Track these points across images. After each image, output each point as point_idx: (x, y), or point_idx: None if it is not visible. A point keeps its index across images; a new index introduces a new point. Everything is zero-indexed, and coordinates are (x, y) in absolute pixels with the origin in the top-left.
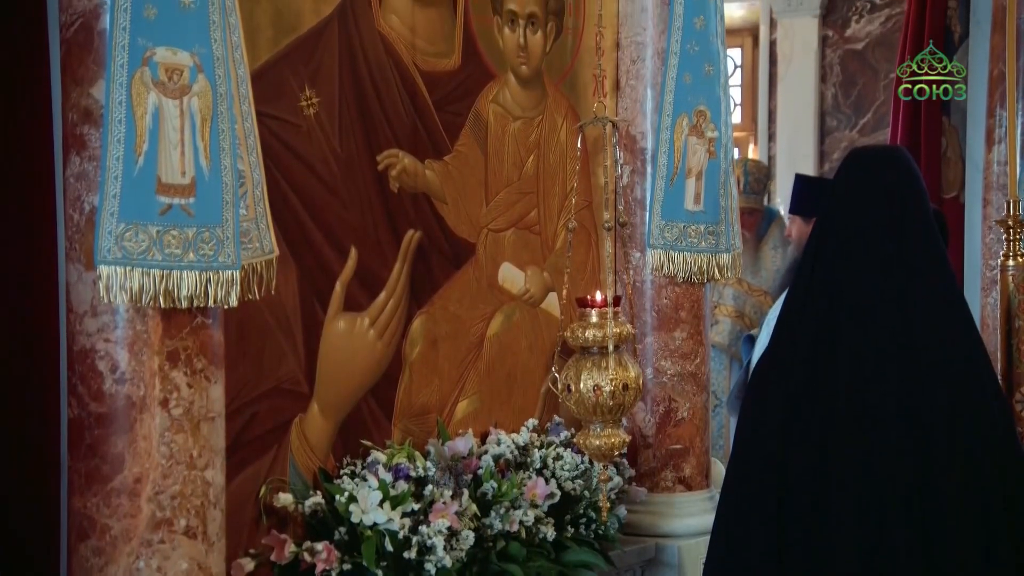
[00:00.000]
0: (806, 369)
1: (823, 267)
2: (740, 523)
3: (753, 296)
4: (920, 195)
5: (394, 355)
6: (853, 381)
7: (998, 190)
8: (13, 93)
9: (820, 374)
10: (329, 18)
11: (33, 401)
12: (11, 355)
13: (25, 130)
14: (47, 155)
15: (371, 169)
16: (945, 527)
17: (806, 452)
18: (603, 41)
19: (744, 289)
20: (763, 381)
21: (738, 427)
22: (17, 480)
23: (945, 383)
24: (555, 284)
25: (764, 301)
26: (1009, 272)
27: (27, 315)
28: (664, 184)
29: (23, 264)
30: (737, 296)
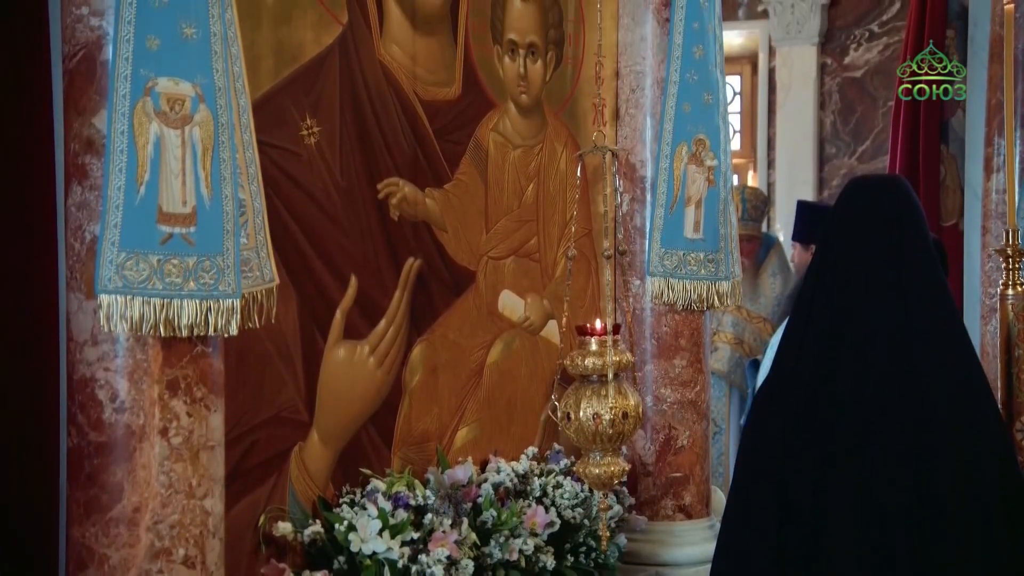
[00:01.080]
0: (807, 391)
1: (823, 293)
2: (741, 540)
3: (752, 323)
4: (919, 223)
5: (394, 383)
6: (853, 400)
7: (997, 218)
8: (16, 123)
9: (821, 395)
10: (330, 48)
11: (33, 431)
12: (12, 385)
13: (27, 159)
14: (49, 184)
15: (371, 197)
16: (945, 542)
17: (806, 470)
18: (603, 70)
19: (743, 316)
20: (765, 403)
21: (740, 448)
22: (17, 509)
23: (945, 401)
24: (555, 312)
25: (763, 328)
26: (1009, 301)
27: (28, 344)
28: (664, 212)
29: (24, 293)
30: (736, 323)
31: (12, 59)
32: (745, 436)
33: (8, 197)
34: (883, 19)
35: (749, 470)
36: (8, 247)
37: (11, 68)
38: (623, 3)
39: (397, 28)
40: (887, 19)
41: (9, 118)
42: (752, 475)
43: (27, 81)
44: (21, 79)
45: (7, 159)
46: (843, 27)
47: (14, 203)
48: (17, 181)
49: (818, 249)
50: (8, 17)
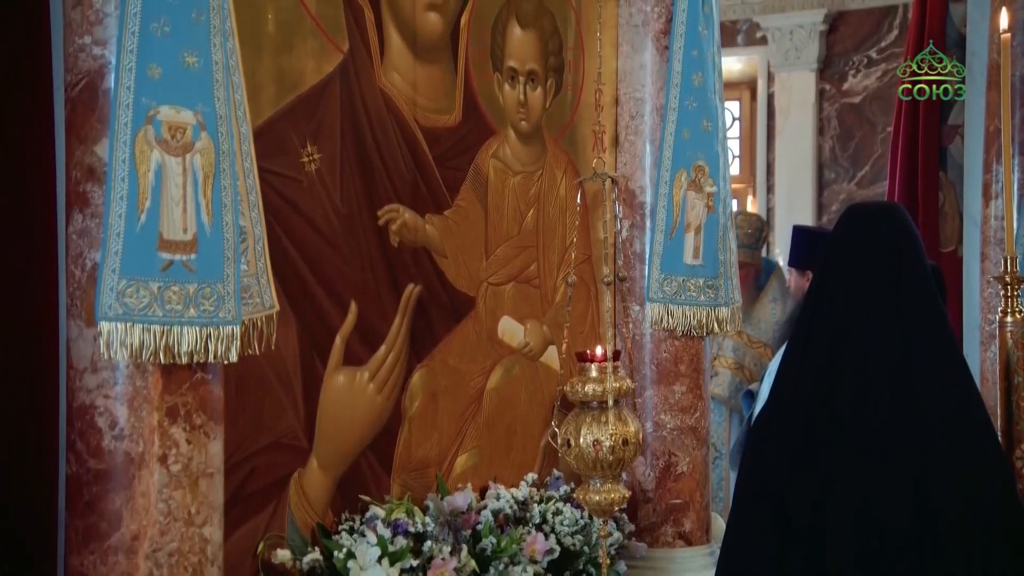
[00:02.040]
0: (807, 413)
1: (822, 319)
2: (741, 559)
3: (753, 348)
4: (917, 251)
5: (393, 409)
6: (853, 421)
7: (996, 245)
8: (17, 150)
9: (820, 417)
10: (331, 75)
11: (34, 459)
12: (13, 411)
13: (28, 187)
14: (49, 212)
15: (372, 224)
16: (945, 564)
17: (806, 490)
18: (602, 97)
19: (744, 341)
20: (765, 424)
21: (739, 472)
22: (17, 536)
23: (944, 425)
24: (555, 338)
25: (764, 353)
26: (1008, 329)
27: (28, 371)
28: (663, 238)
29: (25, 320)
30: (737, 348)
31: (14, 87)
32: (745, 457)
33: (9, 224)
34: (881, 46)
35: (749, 490)
36: (9, 274)
37: (13, 96)
38: (623, 31)
39: (398, 56)
40: (885, 46)
41: (11, 145)
42: (752, 495)
43: (29, 109)
44: (23, 107)
45: (8, 186)
46: (841, 53)
47: (15, 230)
48: (18, 209)
49: (816, 275)
50: (11, 45)
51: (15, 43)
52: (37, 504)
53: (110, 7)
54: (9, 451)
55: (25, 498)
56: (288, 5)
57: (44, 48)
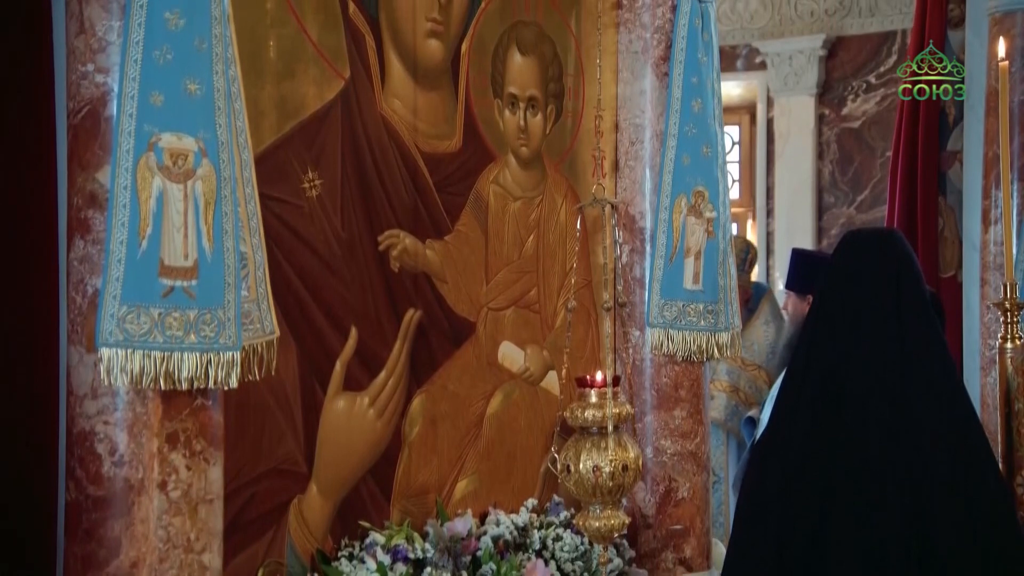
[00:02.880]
0: (805, 442)
1: (820, 348)
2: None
3: (747, 371)
4: (916, 277)
5: (393, 434)
6: (852, 450)
7: (995, 270)
8: (19, 177)
9: (819, 446)
10: (332, 102)
11: (34, 486)
12: (13, 438)
13: (30, 214)
14: (51, 239)
15: (372, 249)
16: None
17: (805, 518)
18: (602, 123)
19: (739, 364)
20: (763, 454)
21: (739, 498)
22: (17, 565)
23: (944, 450)
24: (555, 362)
25: (758, 375)
26: (1007, 355)
27: (29, 398)
28: (663, 263)
29: (25, 347)
30: (731, 371)
31: (17, 113)
32: (745, 482)
33: (10, 250)
34: (880, 71)
35: (749, 515)
36: (10, 300)
37: (16, 122)
38: (622, 57)
39: (399, 82)
40: (884, 71)
41: (13, 171)
42: (752, 520)
43: (31, 136)
44: (26, 134)
45: (10, 212)
46: (840, 78)
47: (16, 256)
48: (20, 235)
49: (815, 302)
50: (14, 72)
51: (18, 70)
52: (36, 531)
53: (113, 35)
54: (9, 477)
55: (24, 525)
56: (290, 32)
57: (47, 75)
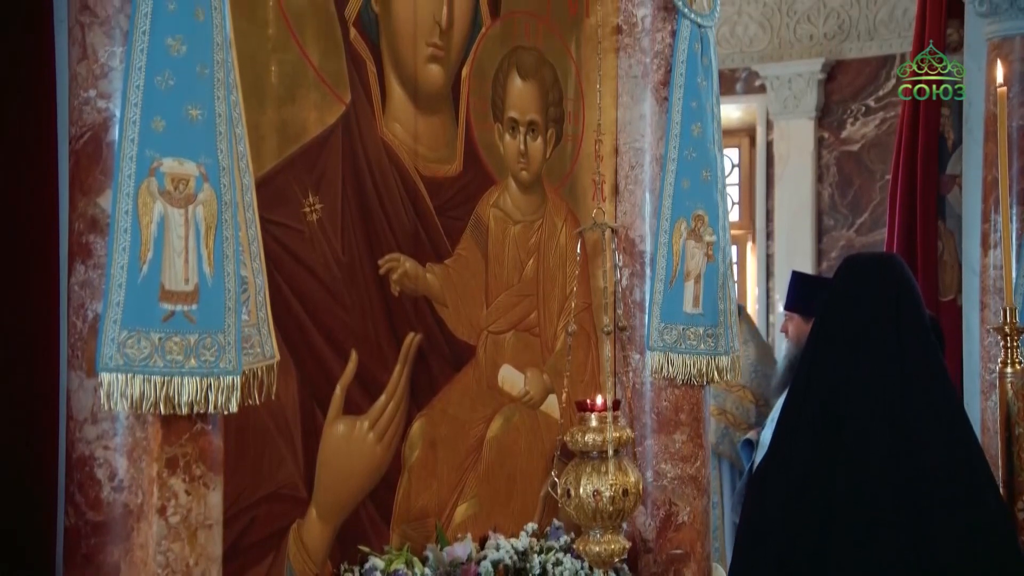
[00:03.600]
0: (805, 465)
1: (820, 372)
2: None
3: (733, 392)
4: (915, 302)
5: (393, 458)
6: (852, 473)
7: (995, 294)
8: (21, 202)
9: (819, 469)
10: (333, 127)
11: (33, 512)
12: (13, 465)
13: (31, 238)
14: (52, 263)
15: (372, 273)
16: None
17: (805, 541)
18: (602, 147)
19: (723, 386)
20: (764, 476)
21: (740, 521)
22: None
23: (944, 473)
24: (555, 386)
25: (744, 396)
26: (1008, 379)
27: (28, 423)
28: (663, 287)
29: (25, 372)
30: (717, 394)
31: (20, 140)
32: (746, 505)
33: (11, 276)
34: (879, 94)
35: (749, 538)
36: (10, 325)
37: (20, 153)
38: (622, 82)
39: (399, 107)
40: (883, 95)
41: (15, 197)
42: (752, 543)
43: (34, 161)
44: (28, 159)
45: (12, 238)
46: (839, 102)
47: (17, 282)
48: (21, 260)
49: (815, 323)
50: (18, 101)
51: (22, 98)
52: (35, 557)
53: (115, 61)
54: (8, 504)
55: (23, 551)
56: (291, 58)
57: (49, 101)
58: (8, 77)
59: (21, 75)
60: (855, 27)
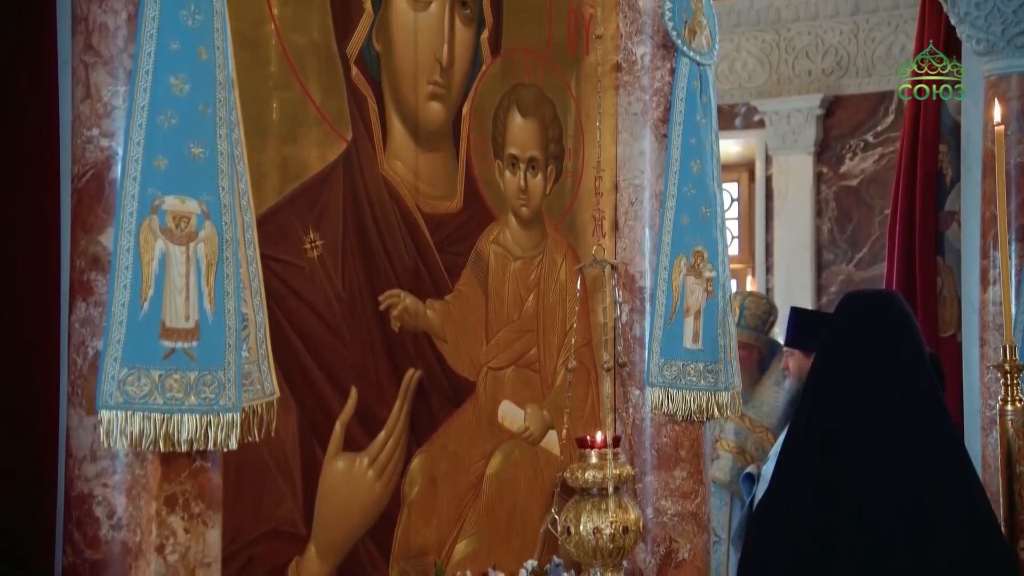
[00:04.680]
0: (807, 501)
1: (821, 409)
2: None
3: (755, 432)
4: (915, 337)
5: (392, 495)
6: (854, 508)
7: (995, 330)
8: (23, 241)
9: (821, 504)
10: (334, 163)
11: (32, 551)
12: (11, 502)
13: (32, 276)
14: (53, 301)
15: (373, 309)
16: None
17: (808, 571)
18: (602, 184)
19: (746, 424)
20: (765, 512)
21: (741, 556)
22: None
23: (946, 508)
24: (555, 422)
25: (765, 438)
26: (1008, 417)
27: (28, 460)
28: (663, 323)
29: (25, 409)
30: (739, 432)
31: (24, 183)
32: (747, 540)
33: (12, 314)
34: (878, 130)
35: (753, 567)
36: (10, 363)
37: (21, 188)
38: (622, 119)
39: (400, 144)
40: (881, 130)
41: (17, 236)
42: (755, 568)
43: (36, 199)
44: (31, 198)
45: (13, 275)
46: (838, 137)
47: (18, 320)
48: (22, 297)
49: (816, 359)
50: (21, 142)
51: (25, 139)
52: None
53: (118, 100)
54: (7, 542)
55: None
56: (293, 96)
57: (52, 140)
58: (11, 115)
59: (24, 114)
60: (853, 63)
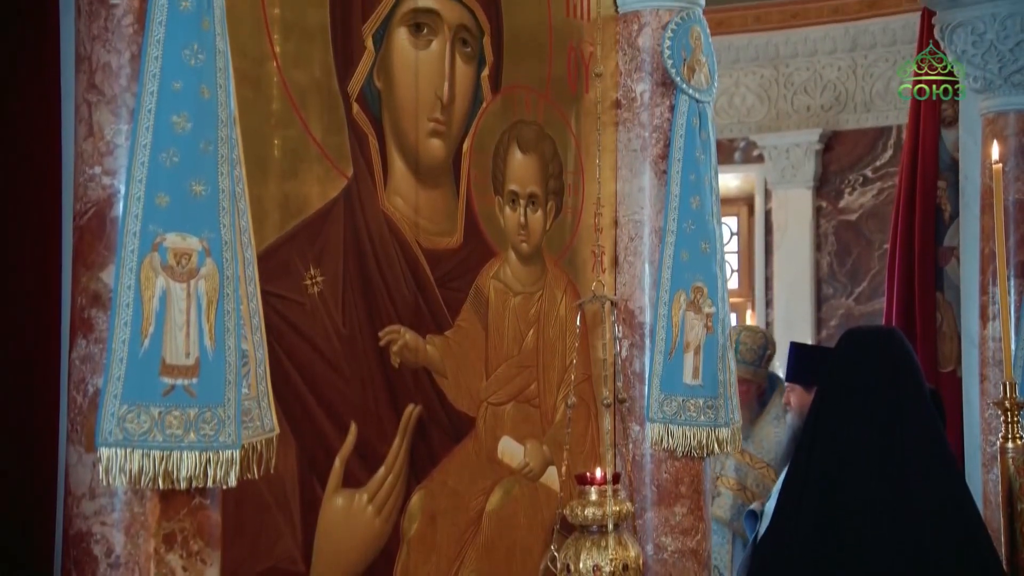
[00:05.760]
0: (808, 538)
1: (822, 447)
2: None
3: (755, 469)
4: (915, 373)
5: (392, 532)
6: (855, 545)
7: (995, 366)
8: (25, 278)
9: (822, 541)
10: (335, 200)
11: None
12: (10, 540)
13: (33, 314)
14: (53, 338)
15: (373, 345)
16: None
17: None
18: (602, 219)
19: (747, 461)
20: (767, 549)
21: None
22: None
23: (947, 546)
24: (554, 458)
25: (766, 474)
26: (1009, 455)
27: (27, 499)
28: (663, 358)
29: (25, 448)
30: (739, 468)
31: (26, 217)
32: (752, 570)
33: (13, 351)
34: (876, 165)
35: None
36: (10, 401)
37: (24, 225)
38: (621, 155)
39: (401, 180)
40: (880, 165)
41: (18, 273)
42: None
43: (38, 237)
44: (33, 235)
45: (15, 313)
46: (837, 172)
47: (18, 357)
48: (23, 335)
49: (817, 395)
50: (23, 180)
51: (27, 177)
52: None
53: (121, 138)
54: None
55: None
56: (294, 133)
57: (54, 178)
58: (14, 153)
59: (27, 152)
60: (851, 99)
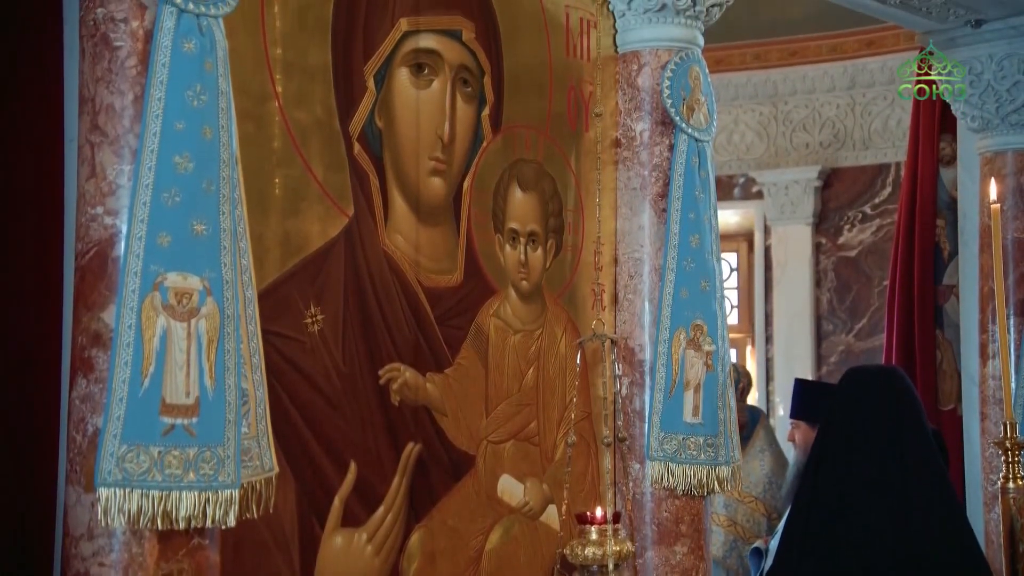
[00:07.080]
0: (812, 564)
1: (825, 486)
2: None
3: (745, 504)
4: (916, 410)
5: (391, 571)
6: (858, 569)
7: (995, 404)
8: (26, 320)
9: (827, 565)
10: (336, 239)
11: None
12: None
13: (33, 354)
14: (53, 378)
15: (373, 383)
16: None
17: None
18: (601, 258)
19: (736, 496)
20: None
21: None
22: None
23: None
24: (554, 496)
25: (756, 508)
26: (1010, 495)
27: (24, 541)
28: (663, 396)
29: (23, 488)
30: (728, 504)
31: (28, 258)
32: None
33: (13, 391)
34: (875, 202)
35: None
36: (9, 441)
37: (26, 267)
38: (621, 194)
39: (401, 219)
40: (879, 202)
41: (19, 314)
42: None
43: (39, 277)
44: (35, 276)
45: (15, 353)
46: (836, 208)
47: (18, 397)
48: (23, 375)
49: (820, 433)
50: (26, 219)
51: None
52: None
53: (123, 179)
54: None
55: None
56: (295, 172)
57: (56, 218)
58: (17, 193)
59: (29, 192)
60: (850, 136)
